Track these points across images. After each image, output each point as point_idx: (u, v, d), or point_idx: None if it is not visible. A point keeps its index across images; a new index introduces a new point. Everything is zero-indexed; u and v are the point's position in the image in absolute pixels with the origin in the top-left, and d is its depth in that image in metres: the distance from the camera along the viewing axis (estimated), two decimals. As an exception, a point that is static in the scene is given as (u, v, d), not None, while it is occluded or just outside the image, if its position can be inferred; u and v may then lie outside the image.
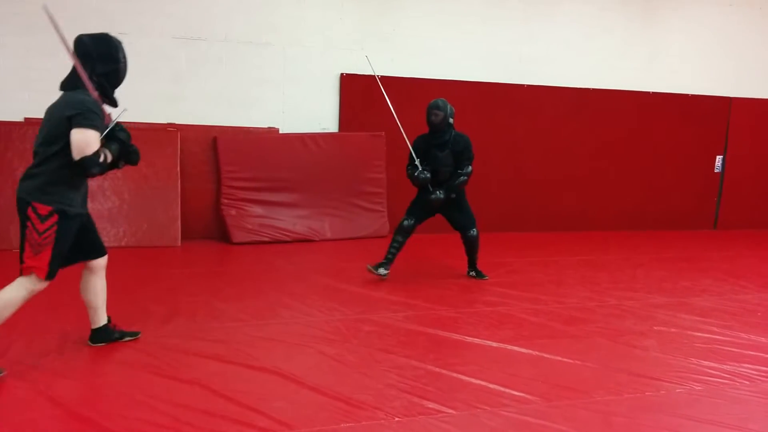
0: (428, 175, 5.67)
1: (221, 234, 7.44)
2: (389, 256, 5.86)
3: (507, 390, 3.50)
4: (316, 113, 8.02)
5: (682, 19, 9.33)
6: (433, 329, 4.51)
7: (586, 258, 7.22)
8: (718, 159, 9.79)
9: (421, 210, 5.91)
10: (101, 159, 3.43)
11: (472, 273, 6.11)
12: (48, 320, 4.33)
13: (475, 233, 5.93)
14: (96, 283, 3.91)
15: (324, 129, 8.04)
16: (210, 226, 7.53)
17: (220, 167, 7.43)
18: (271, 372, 3.64)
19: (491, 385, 3.55)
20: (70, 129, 3.33)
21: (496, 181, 8.72)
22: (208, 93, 7.56)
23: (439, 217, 6.00)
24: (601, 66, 9.07)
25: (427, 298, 5.30)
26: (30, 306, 4.61)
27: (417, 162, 5.75)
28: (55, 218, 3.43)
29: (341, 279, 5.79)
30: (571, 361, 4.00)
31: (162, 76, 7.35)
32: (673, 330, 4.72)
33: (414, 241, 7.77)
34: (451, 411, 3.23)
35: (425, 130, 5.92)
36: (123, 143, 3.67)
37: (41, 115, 7.15)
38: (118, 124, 3.70)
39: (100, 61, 3.55)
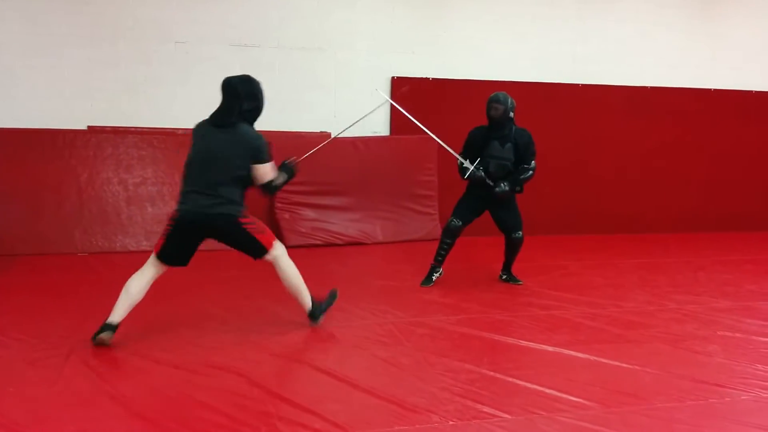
0: (482, 173, 5.57)
1: (276, 237, 7.54)
2: (439, 258, 5.82)
3: (563, 395, 3.43)
4: (368, 117, 8.05)
5: (744, 12, 9.00)
6: (487, 333, 4.46)
7: (645, 261, 7.03)
8: (785, 157, 9.40)
9: (468, 210, 5.81)
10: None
11: (505, 276, 5.98)
12: (111, 321, 4.46)
13: (520, 235, 5.78)
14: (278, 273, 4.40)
15: (375, 132, 8.06)
16: (264, 230, 7.64)
17: (274, 172, 7.53)
18: (326, 374, 3.67)
19: (547, 390, 3.49)
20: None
21: (551, 182, 8.57)
22: (262, 99, 7.68)
23: (487, 218, 5.90)
24: (660, 64, 8.83)
25: (481, 301, 5.25)
26: (95, 308, 4.78)
27: (466, 163, 5.63)
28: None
29: (394, 282, 5.80)
30: (630, 366, 3.90)
31: (218, 83, 7.46)
32: (737, 335, 4.55)
33: (464, 243, 7.73)
34: (506, 416, 3.19)
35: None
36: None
37: (104, 123, 7.46)
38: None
39: (246, 99, 4.13)
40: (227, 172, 4.04)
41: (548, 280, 6.01)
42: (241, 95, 4.11)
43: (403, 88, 6.42)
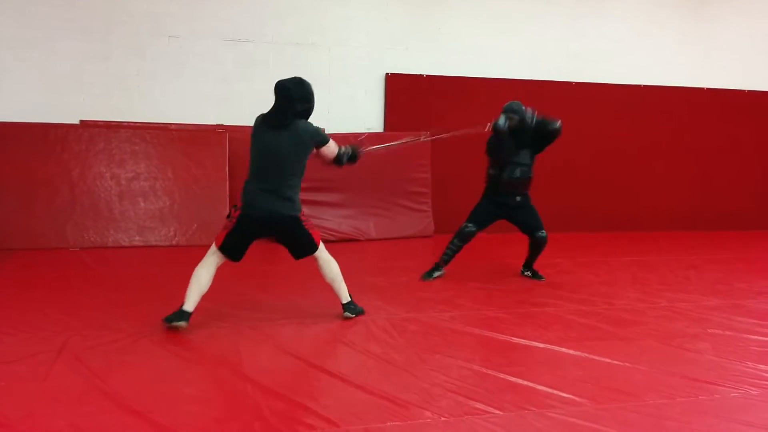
0: (506, 125, 5.52)
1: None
2: (445, 258, 5.88)
3: (555, 392, 3.45)
4: (362, 113, 8.06)
5: (737, 12, 9.04)
6: (480, 329, 4.48)
7: (637, 259, 7.06)
8: (776, 157, 9.46)
9: (484, 216, 5.87)
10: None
11: (528, 273, 6.05)
12: (104, 316, 4.46)
13: (544, 234, 5.84)
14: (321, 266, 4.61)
15: (370, 129, 8.06)
16: (257, 226, 7.64)
17: (268, 167, 7.52)
18: (319, 369, 3.67)
19: (539, 387, 3.50)
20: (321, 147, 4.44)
21: (544, 180, 8.57)
22: (256, 94, 7.64)
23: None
24: (653, 62, 8.87)
25: (474, 298, 5.27)
26: (87, 303, 4.77)
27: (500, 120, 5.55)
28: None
29: (387, 278, 5.80)
30: (621, 363, 3.92)
31: (211, 78, 7.50)
32: (728, 333, 4.57)
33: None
34: (498, 412, 3.20)
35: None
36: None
37: (96, 117, 7.43)
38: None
39: (299, 101, 4.27)
40: (290, 169, 4.27)
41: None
42: (295, 98, 4.25)
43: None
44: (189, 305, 4.22)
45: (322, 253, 4.55)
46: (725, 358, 4.06)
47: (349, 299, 4.66)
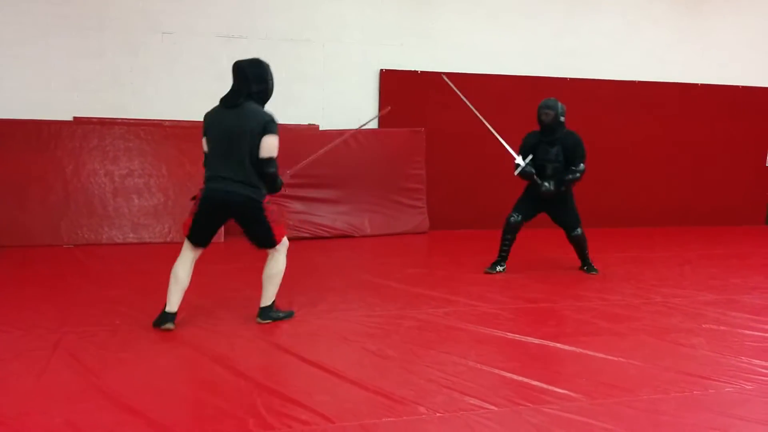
0: (532, 170, 5.71)
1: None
2: (502, 254, 6.03)
3: (549, 387, 3.46)
4: (356, 110, 8.04)
5: (732, 9, 9.06)
6: (474, 325, 4.48)
7: (631, 254, 7.08)
8: (770, 153, 9.50)
9: (528, 206, 5.99)
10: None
11: (584, 268, 6.17)
12: (98, 313, 4.45)
13: (579, 233, 5.98)
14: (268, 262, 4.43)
15: (363, 125, 8.04)
16: (252, 223, 7.63)
17: (262, 164, 7.50)
18: (314, 365, 3.67)
19: (533, 382, 3.51)
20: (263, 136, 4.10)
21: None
22: (250, 91, 7.64)
23: (480, 211, 5.94)
24: (647, 58, 8.88)
25: (468, 294, 5.27)
26: (81, 300, 4.76)
27: (518, 159, 5.79)
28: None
29: (381, 275, 5.80)
30: (615, 358, 3.93)
31: (205, 75, 7.47)
32: (722, 328, 4.59)
33: (456, 237, 7.76)
34: (492, 407, 3.21)
35: (469, 125, 5.90)
36: None
37: (90, 114, 7.39)
38: None
39: (254, 82, 4.19)
40: (244, 151, 4.09)
41: (535, 273, 6.05)
42: (250, 77, 4.17)
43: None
44: (171, 306, 4.19)
45: (279, 253, 4.37)
46: (720, 353, 4.07)
47: (270, 303, 4.40)
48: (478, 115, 6.12)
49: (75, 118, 7.06)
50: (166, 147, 7.15)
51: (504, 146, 5.95)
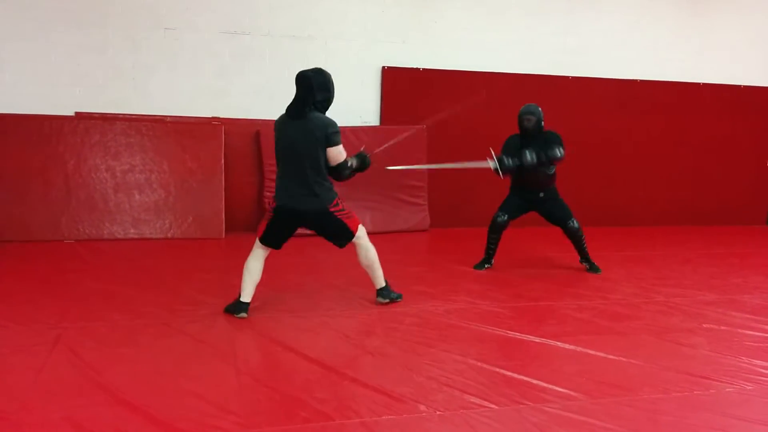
0: (511, 162, 5.61)
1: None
2: (489, 252, 6.05)
3: (550, 386, 3.45)
4: (358, 107, 8.04)
5: (732, 8, 9.04)
6: (475, 324, 4.48)
7: (632, 254, 7.08)
8: (772, 152, 9.49)
9: (514, 206, 6.01)
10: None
11: (585, 263, 6.18)
12: (98, 309, 4.45)
13: (575, 224, 5.97)
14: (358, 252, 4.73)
15: (365, 122, 8.05)
16: (253, 219, 7.62)
17: (263, 160, 7.50)
18: (314, 363, 3.67)
19: (534, 381, 3.51)
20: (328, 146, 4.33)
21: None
22: (252, 87, 7.64)
23: (470, 209, 5.92)
24: (649, 57, 8.86)
25: (469, 292, 5.26)
26: (82, 295, 4.76)
27: (491, 163, 5.62)
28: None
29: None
30: (616, 358, 3.92)
31: (207, 71, 7.47)
32: (723, 328, 4.59)
33: (457, 235, 7.75)
34: (493, 406, 3.21)
35: (468, 123, 5.89)
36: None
37: (91, 109, 7.39)
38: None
39: (318, 90, 4.32)
40: (311, 161, 4.29)
41: (535, 272, 6.04)
42: (314, 87, 4.30)
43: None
44: (245, 296, 4.46)
45: (360, 240, 4.64)
46: (720, 353, 4.07)
47: (384, 285, 4.80)
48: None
49: (77, 113, 7.06)
50: (167, 143, 7.15)
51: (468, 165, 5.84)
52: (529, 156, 5.57)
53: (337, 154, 4.37)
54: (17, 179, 6.68)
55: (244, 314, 4.41)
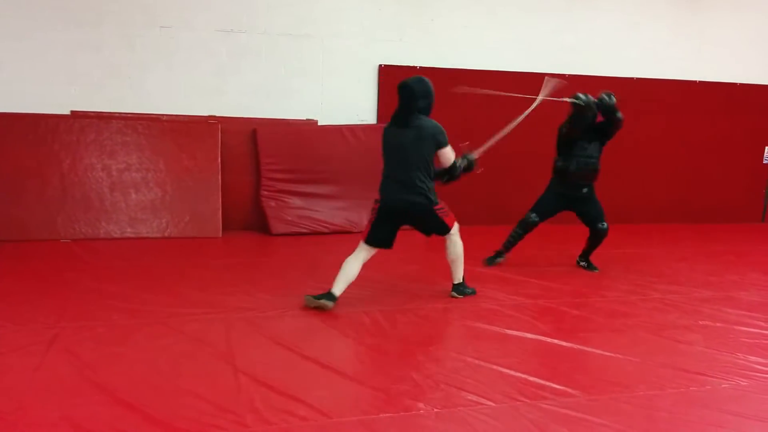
0: (590, 98, 5.86)
1: (261, 225, 7.52)
2: (507, 245, 6.10)
3: (547, 383, 3.47)
4: (355, 105, 8.03)
5: (731, 6, 9.05)
6: (472, 321, 4.49)
7: (629, 251, 7.09)
8: (768, 150, 9.52)
9: (548, 207, 6.06)
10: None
11: (583, 263, 6.19)
12: (95, 309, 4.44)
13: (605, 226, 6.01)
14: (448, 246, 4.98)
15: (362, 120, 8.04)
16: (250, 218, 7.62)
17: (260, 159, 7.50)
18: (312, 361, 3.67)
19: (531, 378, 3.52)
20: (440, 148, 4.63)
21: (536, 173, 8.61)
22: (248, 85, 7.63)
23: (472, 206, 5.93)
24: (646, 55, 8.86)
25: (466, 290, 5.27)
26: (78, 295, 4.75)
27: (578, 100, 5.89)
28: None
29: (379, 270, 5.78)
30: (612, 354, 3.94)
31: (203, 69, 7.45)
32: (718, 324, 4.61)
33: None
34: (490, 403, 3.22)
35: (466, 121, 5.89)
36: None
37: (87, 108, 7.36)
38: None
39: (421, 98, 4.55)
40: (419, 164, 4.55)
41: (533, 269, 6.05)
42: (418, 95, 4.52)
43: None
44: (337, 290, 4.62)
45: (453, 236, 4.89)
46: (716, 349, 4.09)
47: (461, 281, 5.04)
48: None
49: (72, 111, 7.04)
50: (164, 141, 7.13)
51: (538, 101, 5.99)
52: (607, 97, 5.75)
53: (448, 154, 4.66)
54: (12, 178, 6.65)
55: (330, 304, 4.56)
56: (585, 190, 5.95)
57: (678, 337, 4.31)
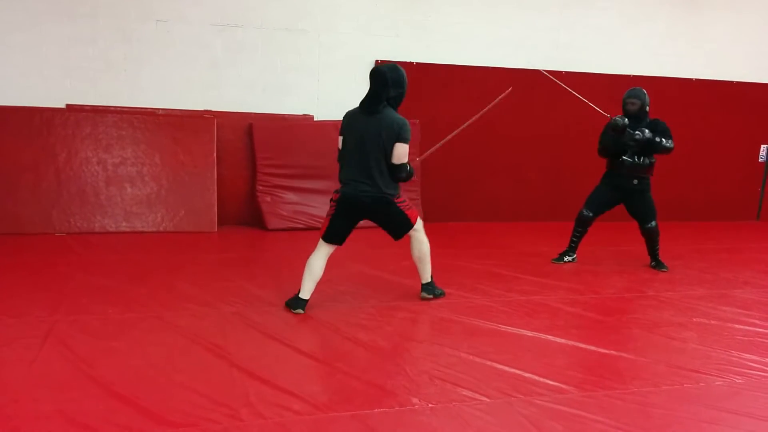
0: (625, 121, 5.81)
1: (256, 220, 7.51)
2: (572, 244, 6.23)
3: (541, 379, 3.47)
4: (351, 100, 7.97)
5: (726, 3, 9.06)
6: (467, 317, 4.49)
7: (624, 248, 7.11)
8: (763, 148, 9.53)
9: (600, 202, 6.14)
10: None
11: (653, 263, 6.26)
12: (90, 303, 4.43)
13: (653, 225, 6.09)
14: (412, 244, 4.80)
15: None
16: (245, 213, 7.61)
17: (256, 154, 7.48)
18: (306, 356, 3.67)
19: (525, 374, 3.53)
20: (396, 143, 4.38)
21: (533, 169, 8.64)
22: (244, 80, 7.61)
23: (469, 204, 5.93)
24: (642, 52, 8.87)
25: (462, 286, 5.28)
26: (73, 289, 4.74)
27: (607, 115, 5.97)
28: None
29: (374, 266, 5.80)
30: (607, 351, 3.95)
31: (199, 64, 7.42)
32: (713, 322, 4.62)
33: (450, 230, 7.75)
34: (485, 399, 3.22)
35: (460, 117, 5.86)
36: None
37: (82, 102, 7.33)
38: None
39: (393, 86, 4.38)
40: (380, 155, 4.36)
41: (528, 266, 6.06)
42: (389, 83, 4.36)
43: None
44: (305, 293, 4.46)
45: (417, 233, 4.71)
46: (710, 346, 4.10)
47: (429, 280, 4.86)
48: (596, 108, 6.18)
49: (68, 105, 7.01)
50: (159, 135, 7.12)
51: (593, 107, 6.10)
52: (643, 133, 5.78)
53: (403, 152, 4.43)
54: (7, 172, 6.62)
55: (300, 310, 4.43)
56: (636, 181, 5.98)
57: (672, 335, 4.32)
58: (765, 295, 5.39)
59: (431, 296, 4.85)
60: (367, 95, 4.44)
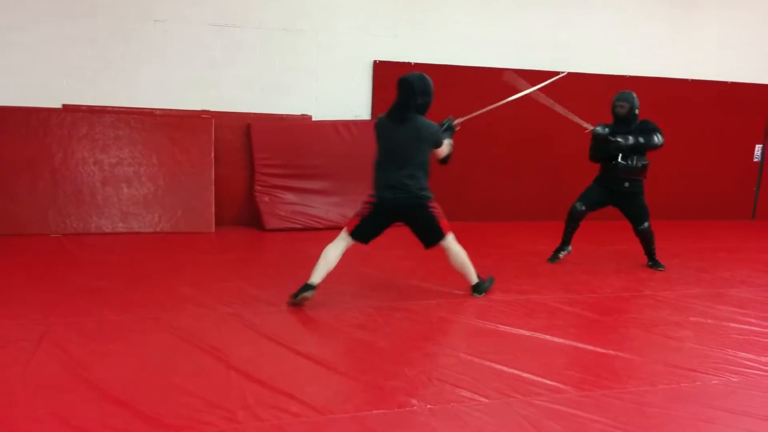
0: (606, 130, 5.88)
1: (254, 220, 7.50)
2: (565, 239, 6.21)
3: (540, 379, 3.47)
4: (349, 100, 8.02)
5: (723, 4, 9.07)
6: (466, 317, 4.49)
7: (621, 248, 7.11)
8: (758, 148, 9.55)
9: (594, 198, 6.13)
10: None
11: (650, 263, 6.26)
12: (86, 304, 4.42)
13: (646, 227, 6.10)
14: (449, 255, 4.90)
15: (357, 116, 8.03)
16: (243, 213, 7.61)
17: (254, 154, 7.48)
18: (304, 357, 3.66)
19: (524, 374, 3.52)
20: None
21: (529, 169, 8.65)
22: (242, 80, 7.60)
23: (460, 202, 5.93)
24: (639, 53, 8.88)
25: (459, 286, 5.26)
26: (69, 290, 4.73)
27: (584, 124, 6.00)
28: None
29: (374, 266, 5.80)
30: (604, 351, 3.95)
31: (197, 63, 7.42)
32: (709, 321, 4.63)
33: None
34: (483, 399, 3.22)
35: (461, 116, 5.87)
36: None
37: (79, 102, 7.32)
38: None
39: (420, 95, 4.51)
40: (413, 162, 4.51)
41: (526, 265, 6.06)
42: (417, 92, 4.48)
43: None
44: (315, 279, 4.54)
45: (450, 243, 4.79)
46: (707, 345, 4.11)
47: (477, 281, 4.95)
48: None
49: (64, 105, 7.00)
50: (156, 136, 7.10)
51: (572, 118, 6.09)
52: (625, 140, 5.76)
53: (442, 151, 4.72)
54: (3, 172, 6.61)
55: (309, 294, 4.48)
56: (627, 184, 5.98)
57: (669, 334, 4.32)
58: (761, 293, 5.40)
59: (483, 293, 4.98)
60: (394, 104, 4.57)
